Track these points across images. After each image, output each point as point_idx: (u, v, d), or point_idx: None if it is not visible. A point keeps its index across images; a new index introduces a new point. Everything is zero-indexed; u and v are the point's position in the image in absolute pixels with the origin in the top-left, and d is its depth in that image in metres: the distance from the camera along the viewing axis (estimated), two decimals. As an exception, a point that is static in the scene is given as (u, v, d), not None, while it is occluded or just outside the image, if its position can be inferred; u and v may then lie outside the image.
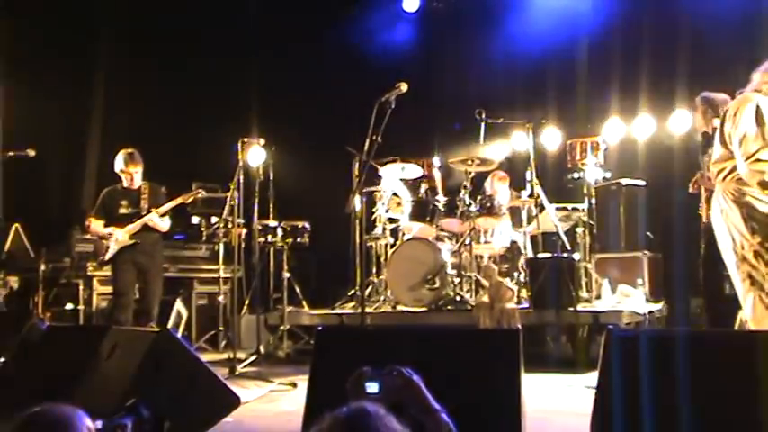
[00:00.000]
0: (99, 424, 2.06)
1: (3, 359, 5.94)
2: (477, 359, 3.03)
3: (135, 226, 6.74)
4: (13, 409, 2.11)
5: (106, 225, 6.80)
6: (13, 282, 7.66)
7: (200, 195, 7.21)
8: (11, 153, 6.85)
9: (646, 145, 8.99)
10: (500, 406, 2.88)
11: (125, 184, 6.87)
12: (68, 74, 9.24)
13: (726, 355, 2.74)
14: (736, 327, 5.09)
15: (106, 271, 7.86)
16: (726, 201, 4.28)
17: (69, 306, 7.86)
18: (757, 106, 4.12)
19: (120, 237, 6.71)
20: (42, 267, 7.69)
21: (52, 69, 9.00)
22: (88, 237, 7.98)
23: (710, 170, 4.50)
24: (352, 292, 7.81)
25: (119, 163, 6.83)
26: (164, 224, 6.86)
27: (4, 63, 9.16)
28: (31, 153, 6.78)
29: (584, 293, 7.13)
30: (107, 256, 6.76)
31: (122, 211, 6.82)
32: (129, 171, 6.79)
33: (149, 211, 6.76)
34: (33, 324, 5.66)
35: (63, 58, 9.21)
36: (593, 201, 7.86)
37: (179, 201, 6.93)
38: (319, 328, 3.38)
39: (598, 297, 7.28)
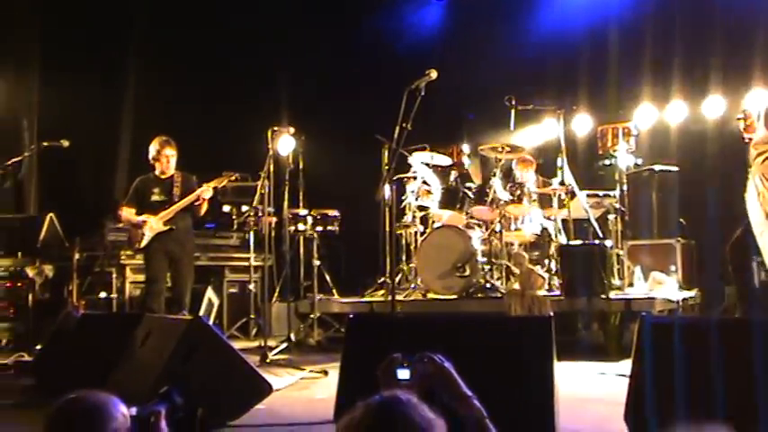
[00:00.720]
0: (133, 410, 2.09)
1: (39, 346, 6.06)
2: (510, 347, 3.02)
3: (169, 212, 6.73)
4: (49, 395, 2.15)
5: (138, 213, 6.81)
6: (48, 270, 7.76)
7: (235, 180, 7.28)
8: (45, 143, 6.94)
9: (678, 131, 8.86)
10: (533, 393, 2.87)
11: (158, 172, 6.87)
12: (101, 66, 9.37)
13: (760, 342, 2.70)
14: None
15: (139, 260, 7.96)
16: (763, 183, 4.21)
17: (103, 294, 7.96)
18: None
19: (154, 224, 6.71)
20: (76, 256, 7.80)
21: (85, 61, 9.14)
22: (121, 226, 8.06)
23: (749, 151, 4.42)
24: (382, 280, 7.81)
25: (154, 148, 6.83)
26: (203, 207, 6.86)
27: (38, 55, 9.31)
28: (65, 143, 6.86)
29: (616, 281, 7.05)
30: (142, 244, 6.76)
31: (154, 198, 6.81)
32: (166, 155, 6.78)
33: (182, 198, 6.75)
34: (68, 312, 5.77)
35: (95, 51, 9.33)
36: (625, 187, 7.77)
37: (223, 181, 6.97)
38: (351, 316, 3.40)
39: (630, 284, 7.20)
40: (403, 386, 2.26)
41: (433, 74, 4.93)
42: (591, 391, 4.87)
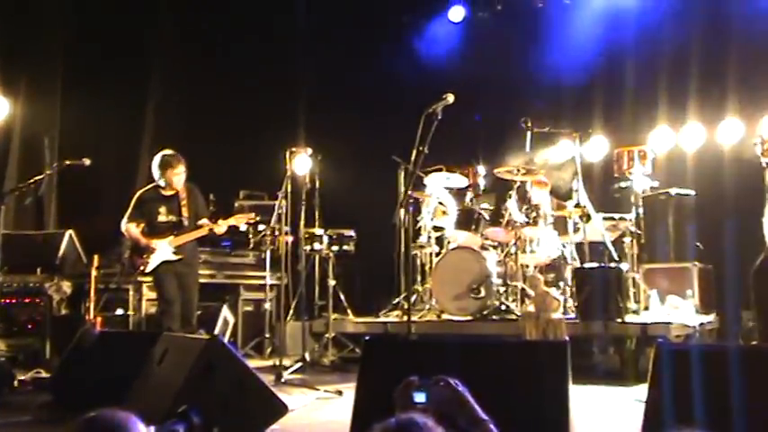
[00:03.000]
0: (152, 430, 2.11)
1: (56, 363, 6.10)
2: (525, 371, 3.03)
3: (179, 239, 6.61)
4: (66, 412, 2.17)
5: (146, 233, 6.66)
6: (66, 287, 7.81)
7: (254, 220, 7.10)
8: (67, 162, 7.01)
9: (695, 154, 8.84)
10: (548, 418, 2.87)
11: (162, 188, 6.71)
12: (122, 85, 9.46)
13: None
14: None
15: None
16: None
17: (119, 311, 8.00)
18: None
19: (163, 251, 6.59)
20: (94, 273, 7.86)
21: (106, 80, 9.24)
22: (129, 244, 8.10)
23: (766, 176, 4.41)
24: (397, 300, 7.83)
25: (162, 166, 6.66)
26: (221, 228, 6.77)
27: (60, 74, 9.44)
28: (87, 162, 6.91)
29: (631, 304, 7.03)
30: (148, 269, 6.63)
31: (161, 219, 6.67)
32: (177, 173, 6.61)
33: (193, 220, 6.68)
34: (86, 329, 5.79)
35: (117, 70, 9.43)
36: (641, 210, 7.77)
37: (241, 220, 6.92)
38: (367, 337, 3.41)
39: (646, 308, 7.17)
40: (419, 409, 2.27)
41: (450, 98, 4.98)
42: (607, 417, 4.85)
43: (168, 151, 6.80)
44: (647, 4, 9.08)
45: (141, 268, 6.68)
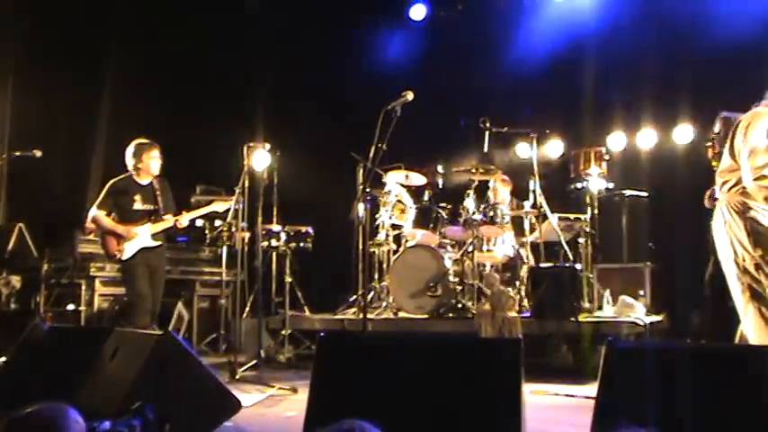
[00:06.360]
0: (107, 425, 2.09)
1: (4, 359, 5.96)
2: (479, 368, 3.04)
3: (159, 227, 6.54)
4: (10, 408, 2.13)
5: (117, 221, 6.53)
6: (16, 281, 7.64)
7: (233, 206, 6.74)
8: (17, 153, 6.85)
9: (649, 156, 9.00)
10: (501, 415, 2.89)
11: (137, 177, 6.61)
12: (75, 76, 9.28)
13: (727, 368, 2.75)
14: (736, 340, 5.08)
15: (108, 272, 7.90)
16: (729, 212, 4.28)
17: (71, 307, 7.86)
18: None
19: (142, 237, 6.48)
20: (45, 267, 7.71)
21: (59, 71, 9.05)
22: (90, 237, 7.97)
23: (716, 180, 4.49)
24: (354, 297, 7.82)
25: (138, 152, 6.58)
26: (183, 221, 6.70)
27: (12, 64, 9.22)
28: (38, 154, 6.76)
29: (585, 303, 7.13)
30: (125, 255, 6.45)
31: (137, 206, 6.56)
32: (152, 156, 6.55)
33: (167, 209, 6.61)
34: (36, 324, 5.67)
35: (70, 60, 9.25)
36: (596, 211, 7.88)
37: (212, 209, 6.83)
38: (322, 334, 3.40)
39: (599, 307, 7.28)
40: None
41: (410, 95, 4.99)
42: (559, 414, 4.91)
43: (142, 139, 6.69)
44: (603, 11, 9.21)
45: (117, 256, 6.49)
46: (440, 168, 8.51)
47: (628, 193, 8.12)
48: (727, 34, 7.98)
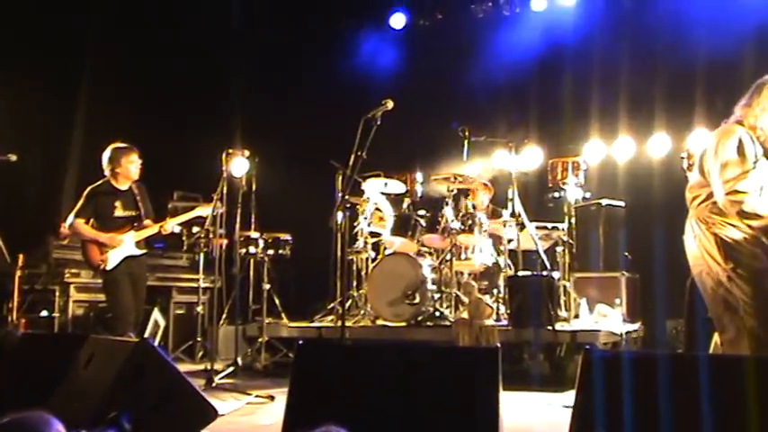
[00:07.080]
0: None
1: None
2: (457, 376, 3.04)
3: (143, 234, 6.40)
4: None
5: (98, 229, 6.36)
6: (-12, 287, 7.54)
7: (211, 212, 6.71)
8: (-8, 157, 6.76)
9: (625, 166, 9.09)
10: (478, 423, 2.89)
11: (116, 183, 6.43)
12: (51, 80, 9.19)
13: (703, 377, 2.77)
14: (711, 350, 5.13)
15: (83, 278, 7.83)
16: (699, 227, 4.32)
17: (45, 313, 7.77)
18: (740, 138, 4.16)
19: (127, 245, 6.32)
20: (18, 273, 7.60)
21: (35, 76, 8.94)
22: (65, 243, 7.89)
23: (686, 196, 4.53)
24: (332, 305, 7.80)
25: (116, 156, 6.41)
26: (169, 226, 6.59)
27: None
28: (13, 158, 6.68)
29: (562, 312, 7.16)
30: (109, 266, 6.26)
31: (118, 213, 6.40)
32: (132, 160, 6.39)
33: (147, 215, 6.49)
34: (9, 331, 5.61)
35: (46, 66, 9.15)
36: (573, 220, 7.93)
37: (197, 213, 6.74)
38: (300, 341, 3.38)
39: (576, 316, 7.32)
40: None
41: (390, 104, 5.02)
42: (536, 422, 4.92)
43: (119, 144, 6.55)
44: (581, 21, 9.30)
45: (101, 266, 6.27)
46: (419, 176, 8.53)
47: (605, 202, 8.18)
48: (703, 47, 8.11)
